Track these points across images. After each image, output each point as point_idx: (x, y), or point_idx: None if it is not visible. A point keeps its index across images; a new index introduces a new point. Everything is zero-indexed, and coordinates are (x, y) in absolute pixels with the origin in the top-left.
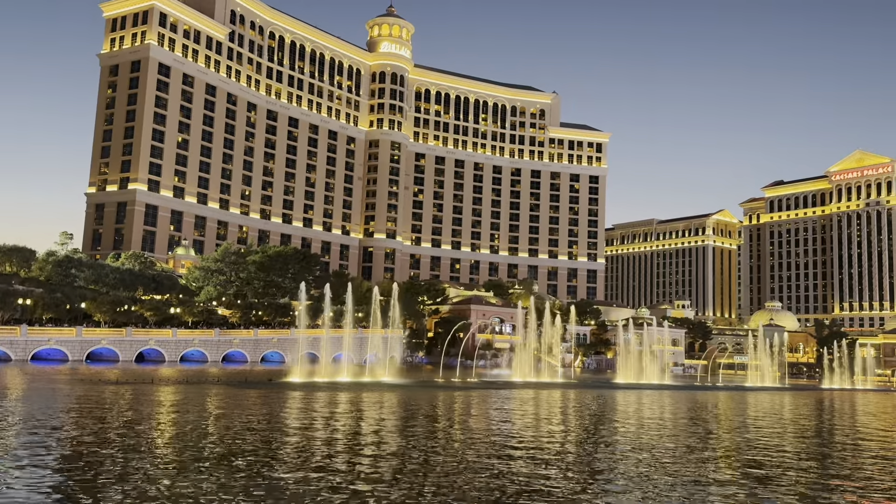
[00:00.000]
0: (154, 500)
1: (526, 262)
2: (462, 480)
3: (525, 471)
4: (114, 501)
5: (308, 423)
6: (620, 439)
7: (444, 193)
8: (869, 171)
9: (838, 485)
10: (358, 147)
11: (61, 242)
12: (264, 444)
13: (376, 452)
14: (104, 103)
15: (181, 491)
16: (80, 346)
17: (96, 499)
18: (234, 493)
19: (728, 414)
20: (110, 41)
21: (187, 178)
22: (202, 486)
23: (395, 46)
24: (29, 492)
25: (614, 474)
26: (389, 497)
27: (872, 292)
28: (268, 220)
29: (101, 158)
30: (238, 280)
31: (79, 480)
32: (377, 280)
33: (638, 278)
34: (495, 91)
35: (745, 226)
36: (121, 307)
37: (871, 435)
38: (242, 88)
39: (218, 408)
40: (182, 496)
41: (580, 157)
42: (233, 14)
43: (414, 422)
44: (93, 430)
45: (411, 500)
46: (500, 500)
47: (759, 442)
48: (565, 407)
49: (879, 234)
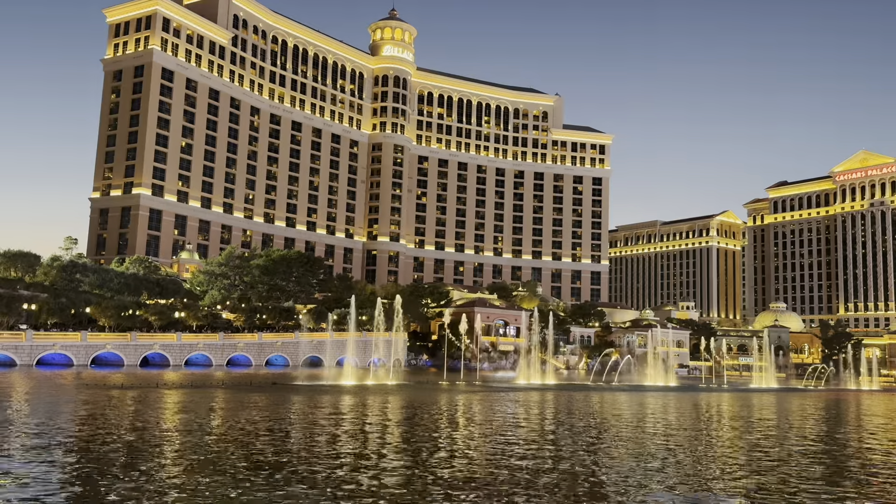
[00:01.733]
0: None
1: (530, 265)
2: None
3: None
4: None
5: (326, 424)
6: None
7: (447, 196)
8: (873, 172)
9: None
10: (361, 150)
11: (66, 247)
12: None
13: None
14: (108, 108)
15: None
16: (85, 350)
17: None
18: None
19: (734, 413)
20: (114, 46)
21: (191, 182)
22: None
23: (397, 50)
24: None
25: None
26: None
27: (878, 293)
28: (271, 223)
29: (105, 163)
30: (242, 284)
31: (87, 480)
32: (381, 283)
33: (642, 280)
34: (498, 93)
35: (750, 227)
36: (125, 312)
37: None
38: (245, 93)
39: (234, 409)
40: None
41: (583, 158)
42: (235, 18)
43: (417, 421)
44: (94, 434)
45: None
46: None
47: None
48: (561, 408)
49: (884, 234)
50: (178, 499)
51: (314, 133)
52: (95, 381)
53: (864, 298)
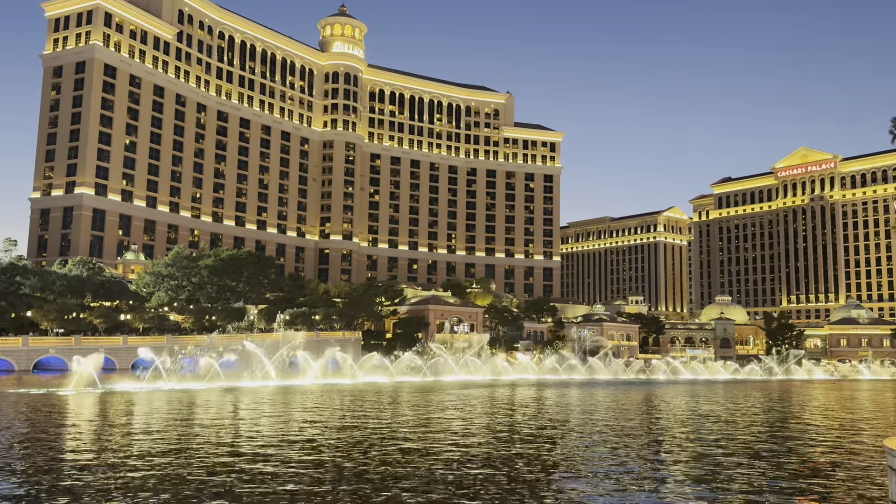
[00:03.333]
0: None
1: (483, 262)
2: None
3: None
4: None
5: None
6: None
7: (400, 194)
8: (813, 168)
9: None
10: (312, 148)
11: (5, 249)
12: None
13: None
14: (48, 105)
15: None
16: (26, 355)
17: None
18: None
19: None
20: (53, 41)
21: (136, 181)
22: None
23: (347, 46)
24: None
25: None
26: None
27: (818, 285)
28: (220, 222)
29: (45, 162)
30: (190, 285)
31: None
32: (334, 282)
33: (593, 275)
34: (449, 91)
35: (695, 222)
36: (69, 315)
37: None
38: (192, 89)
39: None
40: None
41: (534, 156)
42: (181, 14)
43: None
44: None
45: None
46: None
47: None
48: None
49: (823, 228)
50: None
51: (263, 130)
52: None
53: (806, 291)
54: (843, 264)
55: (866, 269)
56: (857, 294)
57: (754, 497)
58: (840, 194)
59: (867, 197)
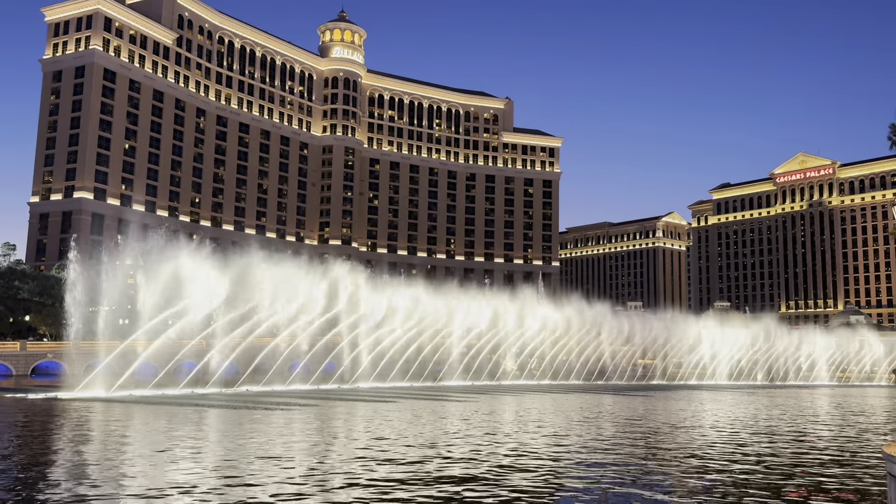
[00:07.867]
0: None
1: (482, 266)
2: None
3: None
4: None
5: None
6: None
7: (399, 199)
8: (811, 173)
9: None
10: (311, 153)
11: (3, 254)
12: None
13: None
14: (47, 110)
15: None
16: (24, 360)
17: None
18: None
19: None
20: (53, 46)
21: (135, 185)
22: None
23: (347, 52)
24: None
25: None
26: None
27: (817, 290)
28: (219, 227)
29: (44, 166)
30: None
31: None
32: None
33: (592, 280)
34: (449, 96)
35: (694, 227)
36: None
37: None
38: (191, 94)
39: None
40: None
41: (534, 161)
42: (180, 19)
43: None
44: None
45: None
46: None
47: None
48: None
49: (822, 233)
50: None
51: (263, 135)
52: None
53: (805, 296)
54: (841, 270)
55: (865, 274)
56: (855, 300)
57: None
58: (839, 200)
59: (866, 203)
